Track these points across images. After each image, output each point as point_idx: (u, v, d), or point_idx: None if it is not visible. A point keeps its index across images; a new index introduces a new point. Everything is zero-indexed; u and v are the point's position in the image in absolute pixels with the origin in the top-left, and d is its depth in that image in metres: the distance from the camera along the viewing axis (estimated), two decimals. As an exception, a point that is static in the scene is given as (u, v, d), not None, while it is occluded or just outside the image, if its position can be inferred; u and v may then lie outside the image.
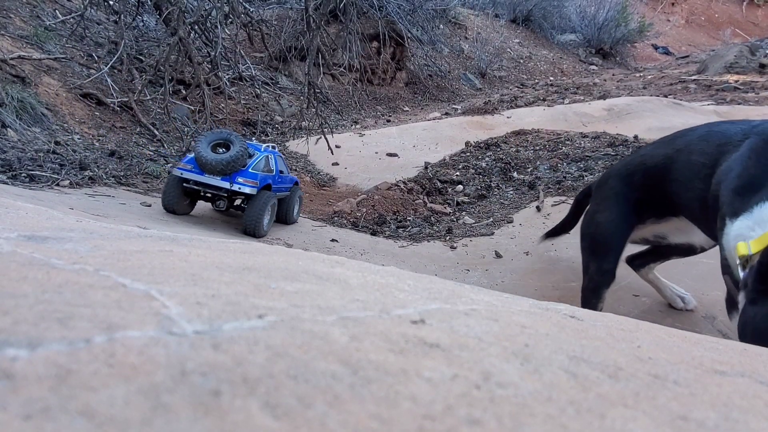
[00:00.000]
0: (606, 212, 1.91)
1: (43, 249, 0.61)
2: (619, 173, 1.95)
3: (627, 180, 1.88)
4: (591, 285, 1.92)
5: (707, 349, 0.62)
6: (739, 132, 1.50)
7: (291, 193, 3.29)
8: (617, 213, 1.88)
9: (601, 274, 1.88)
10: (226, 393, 0.32)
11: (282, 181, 3.16)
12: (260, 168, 2.96)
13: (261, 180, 2.89)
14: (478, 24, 10.78)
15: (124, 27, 4.39)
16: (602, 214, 1.92)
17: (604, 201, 1.94)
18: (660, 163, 1.76)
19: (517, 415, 0.36)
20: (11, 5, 5.12)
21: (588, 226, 1.99)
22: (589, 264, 1.96)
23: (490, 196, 4.21)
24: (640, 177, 1.83)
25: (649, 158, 1.84)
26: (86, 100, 4.65)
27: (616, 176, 1.95)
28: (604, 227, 1.91)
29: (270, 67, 7.03)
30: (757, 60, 8.49)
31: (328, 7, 6.05)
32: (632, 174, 1.87)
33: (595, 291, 1.91)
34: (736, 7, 17.03)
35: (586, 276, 1.96)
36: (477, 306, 0.63)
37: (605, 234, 1.90)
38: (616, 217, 1.88)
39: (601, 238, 1.91)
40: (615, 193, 1.90)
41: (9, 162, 3.28)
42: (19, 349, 0.33)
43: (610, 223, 1.88)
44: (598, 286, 1.90)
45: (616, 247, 1.87)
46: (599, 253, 1.92)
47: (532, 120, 6.07)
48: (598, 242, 1.93)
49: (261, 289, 0.55)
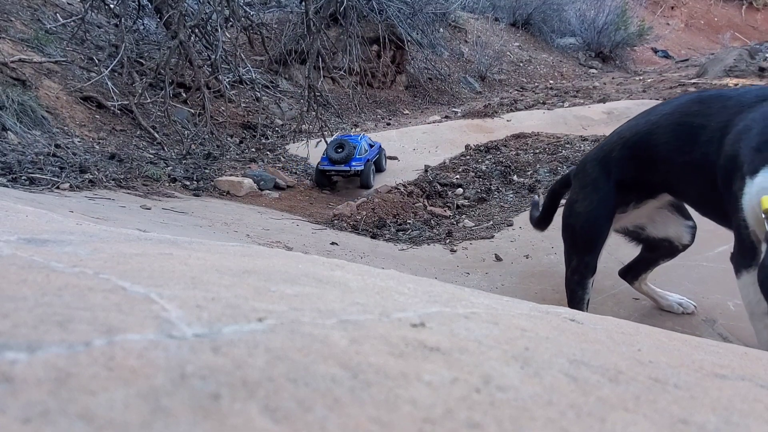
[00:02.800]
0: (585, 201, 1.84)
1: (43, 252, 0.61)
2: (595, 157, 1.87)
3: (604, 162, 1.81)
4: (575, 277, 1.88)
5: (708, 352, 0.62)
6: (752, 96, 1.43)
7: (379, 154, 4.89)
8: (597, 201, 1.80)
9: (584, 266, 1.84)
10: (226, 396, 0.32)
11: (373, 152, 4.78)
12: (362, 152, 4.52)
13: (363, 160, 4.47)
14: (478, 27, 10.81)
15: (124, 30, 4.40)
16: (581, 204, 1.85)
17: (582, 189, 1.87)
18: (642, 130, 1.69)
19: (518, 419, 0.35)
20: (12, 8, 5.13)
21: (568, 217, 1.91)
22: (571, 256, 1.91)
23: (490, 199, 4.21)
24: (618, 153, 1.76)
25: (626, 131, 1.77)
26: (87, 103, 4.66)
27: (593, 161, 1.87)
28: (584, 218, 1.84)
29: (270, 71, 7.04)
30: (756, 63, 8.50)
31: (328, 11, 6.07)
32: (609, 153, 1.80)
33: (580, 283, 1.86)
34: (735, 11, 17.07)
35: (569, 269, 1.91)
36: (477, 309, 0.63)
37: (586, 225, 1.84)
38: (597, 205, 1.81)
39: (582, 230, 1.85)
40: (593, 179, 1.83)
41: (9, 165, 3.29)
42: (19, 352, 0.33)
43: (590, 213, 1.82)
44: (582, 278, 1.85)
45: (598, 237, 1.81)
46: (581, 245, 1.87)
47: (531, 123, 6.08)
48: (579, 234, 1.87)
49: (261, 292, 0.55)
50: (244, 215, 3.61)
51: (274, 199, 4.29)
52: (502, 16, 11.72)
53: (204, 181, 4.29)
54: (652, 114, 1.71)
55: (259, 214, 3.73)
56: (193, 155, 4.75)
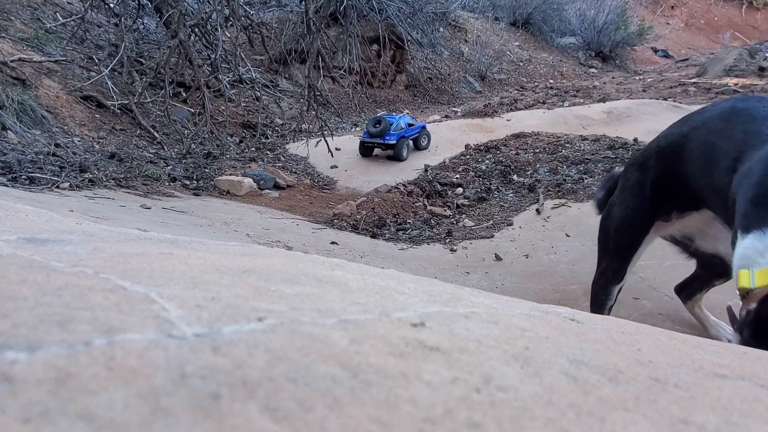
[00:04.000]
0: (622, 205, 1.76)
1: (43, 252, 0.61)
2: (636, 161, 1.79)
3: (642, 168, 1.71)
4: (601, 281, 1.83)
5: (708, 352, 0.62)
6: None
7: (419, 133, 5.34)
8: (633, 207, 1.72)
9: (612, 271, 1.78)
10: (226, 396, 0.32)
11: (412, 130, 5.27)
12: (397, 129, 5.08)
13: (397, 136, 5.06)
14: (478, 27, 10.80)
15: (124, 30, 4.40)
16: (618, 208, 1.78)
17: (621, 193, 1.79)
18: (674, 142, 1.59)
19: (518, 419, 0.35)
20: (12, 8, 5.13)
21: (605, 219, 1.85)
22: (601, 259, 1.86)
23: (490, 199, 4.21)
24: (654, 161, 1.66)
25: (663, 139, 1.67)
26: (86, 102, 4.65)
27: (634, 165, 1.78)
28: (618, 222, 1.76)
29: (270, 70, 7.04)
30: (756, 63, 8.50)
31: (328, 10, 6.06)
32: (647, 160, 1.70)
33: (604, 288, 1.81)
34: (735, 11, 17.06)
35: (598, 270, 1.86)
36: (477, 309, 0.63)
37: (619, 230, 1.76)
38: (632, 211, 1.72)
39: (615, 234, 1.78)
40: (632, 183, 1.74)
41: (9, 164, 3.28)
42: (19, 352, 0.33)
43: (624, 219, 1.74)
44: (607, 283, 1.80)
45: (629, 245, 1.74)
46: (612, 249, 1.80)
47: (531, 123, 6.07)
48: (612, 238, 1.79)
49: (261, 291, 0.55)
50: (244, 215, 3.61)
51: (274, 198, 4.29)
52: (502, 16, 11.71)
53: (204, 180, 4.29)
54: (685, 124, 1.60)
55: (259, 214, 3.73)
56: (193, 155, 4.75)
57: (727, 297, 2.11)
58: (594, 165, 4.41)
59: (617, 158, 4.50)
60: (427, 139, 5.46)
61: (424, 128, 5.44)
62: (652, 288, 2.35)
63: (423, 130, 5.42)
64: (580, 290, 2.47)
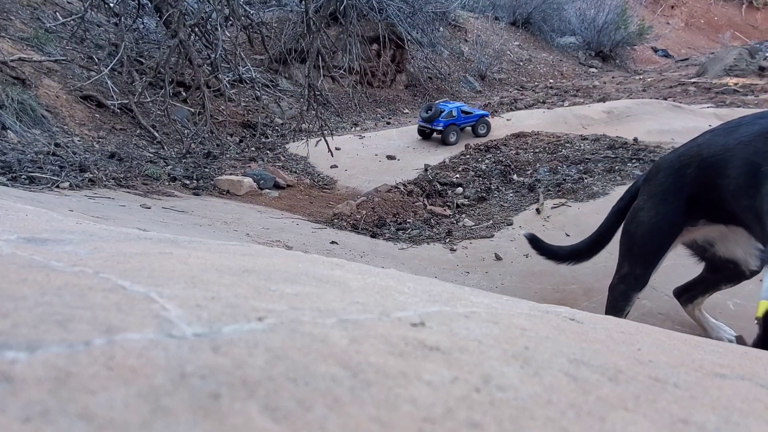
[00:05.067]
0: (651, 211, 1.70)
1: (43, 251, 0.61)
2: (671, 165, 1.71)
3: (679, 174, 1.65)
4: (621, 287, 1.77)
5: (708, 352, 0.62)
6: None
7: (477, 121, 5.69)
8: (664, 214, 1.66)
9: (634, 277, 1.73)
10: (226, 396, 0.32)
11: (466, 118, 5.65)
12: (447, 116, 5.50)
13: (445, 123, 5.49)
14: (478, 27, 10.80)
15: (124, 29, 4.40)
16: (646, 213, 1.72)
17: (651, 198, 1.72)
18: (718, 154, 1.52)
19: (518, 419, 0.35)
20: (12, 7, 5.13)
21: (630, 223, 1.79)
22: (623, 263, 1.80)
23: (490, 199, 4.21)
24: (694, 170, 1.60)
25: (706, 147, 1.60)
26: (86, 102, 4.65)
27: (668, 169, 1.71)
28: (645, 227, 1.71)
29: (270, 70, 7.03)
30: (756, 63, 8.50)
31: (328, 10, 6.06)
32: (686, 166, 1.63)
33: (624, 294, 1.76)
34: (735, 10, 17.06)
35: (618, 275, 1.80)
36: (477, 309, 0.63)
37: (646, 236, 1.71)
38: (662, 218, 1.67)
39: (641, 240, 1.73)
40: (664, 189, 1.68)
41: (9, 164, 3.28)
42: (19, 351, 0.33)
43: (653, 225, 1.69)
44: (628, 289, 1.75)
45: (655, 252, 1.69)
46: (636, 255, 1.75)
47: (531, 122, 6.08)
48: (637, 243, 1.74)
49: (260, 291, 0.55)
50: (244, 214, 3.61)
51: (273, 198, 4.29)
52: (502, 15, 11.71)
53: (204, 180, 4.29)
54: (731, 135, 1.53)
55: (259, 213, 3.73)
56: (193, 154, 4.75)
57: (726, 296, 2.11)
58: (594, 165, 4.41)
59: (617, 158, 4.50)
60: (486, 127, 5.75)
61: (483, 117, 5.79)
62: (652, 288, 2.35)
63: (482, 119, 5.76)
64: (580, 290, 2.47)
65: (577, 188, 3.92)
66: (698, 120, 5.84)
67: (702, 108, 6.57)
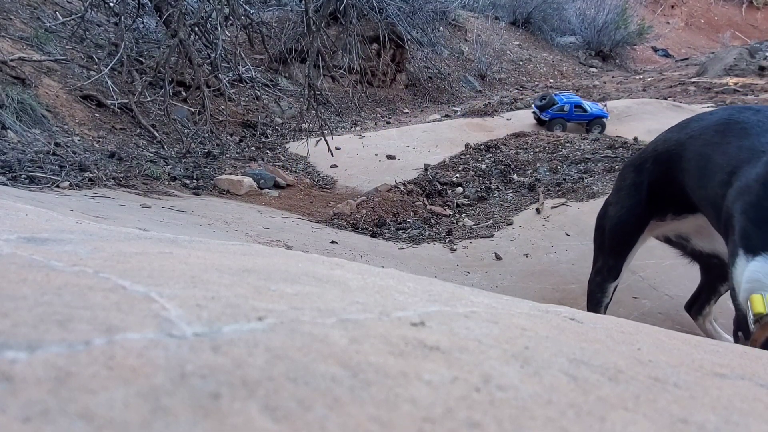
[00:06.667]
0: (618, 205, 1.80)
1: (43, 251, 0.61)
2: (633, 162, 1.83)
3: (639, 169, 1.75)
4: (597, 279, 1.86)
5: (707, 351, 0.62)
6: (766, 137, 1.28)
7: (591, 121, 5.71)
8: (629, 207, 1.76)
9: (607, 269, 1.82)
10: (226, 396, 0.32)
11: (579, 115, 5.73)
12: (558, 109, 5.71)
13: (552, 115, 5.71)
14: (478, 26, 10.79)
15: (124, 29, 4.40)
16: (614, 207, 1.82)
17: (617, 192, 1.84)
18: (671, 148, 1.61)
19: (517, 418, 0.35)
20: (11, 7, 5.12)
21: (601, 218, 1.89)
22: (597, 257, 1.90)
23: (490, 198, 4.21)
24: (650, 164, 1.70)
25: (660, 143, 1.70)
26: (86, 101, 4.65)
27: (630, 165, 1.83)
28: (613, 221, 1.81)
29: (270, 69, 7.03)
30: (756, 62, 8.50)
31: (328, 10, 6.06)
32: (644, 162, 1.74)
33: (600, 285, 1.85)
34: (735, 10, 17.05)
35: (593, 268, 1.90)
36: (477, 308, 0.63)
37: (614, 229, 1.81)
38: (627, 211, 1.76)
39: (610, 233, 1.82)
40: (628, 184, 1.78)
41: (9, 163, 3.28)
42: (19, 351, 0.33)
43: (620, 218, 1.78)
44: (603, 281, 1.83)
45: (624, 243, 1.78)
46: (607, 247, 1.84)
47: (531, 122, 6.08)
48: (607, 236, 1.83)
49: (261, 291, 0.55)
50: (244, 214, 3.61)
51: (273, 197, 4.29)
52: (502, 15, 11.70)
53: (204, 179, 4.29)
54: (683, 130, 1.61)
55: (259, 213, 3.73)
56: (192, 154, 4.75)
57: (726, 296, 2.11)
58: (594, 164, 4.41)
59: (617, 157, 4.50)
60: (600, 128, 5.74)
61: (599, 118, 5.78)
62: (652, 287, 2.35)
63: (597, 119, 5.78)
64: (580, 289, 2.47)
65: (577, 188, 3.92)
66: (698, 120, 5.83)
67: (702, 108, 6.57)
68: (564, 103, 5.68)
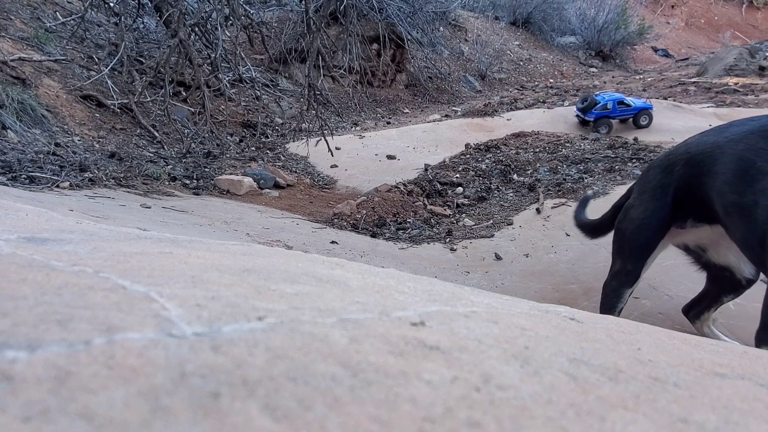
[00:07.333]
0: (641, 208, 1.76)
1: (43, 251, 0.61)
2: (660, 164, 1.77)
3: (667, 172, 1.70)
4: (613, 283, 1.82)
5: (707, 351, 0.62)
6: None
7: (637, 113, 5.69)
8: (652, 210, 1.71)
9: (625, 273, 1.78)
10: (226, 395, 0.32)
11: (623, 111, 5.69)
12: (601, 108, 5.64)
13: (596, 115, 5.65)
14: (478, 26, 10.79)
15: (124, 29, 4.39)
16: (636, 210, 1.77)
17: (641, 195, 1.79)
18: (707, 151, 1.55)
19: (517, 418, 0.35)
20: (12, 7, 5.13)
21: (621, 221, 1.85)
22: (616, 260, 1.85)
23: (490, 198, 4.21)
24: (681, 167, 1.65)
25: (694, 146, 1.64)
26: (86, 101, 4.65)
27: (657, 168, 1.77)
28: (635, 224, 1.76)
29: (270, 69, 7.04)
30: (756, 62, 8.50)
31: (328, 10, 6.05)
32: (674, 164, 1.68)
33: (616, 291, 1.81)
34: (735, 10, 17.05)
35: (611, 272, 1.86)
36: (477, 308, 0.63)
37: (635, 232, 1.76)
38: (650, 215, 1.72)
39: (631, 236, 1.78)
40: (653, 186, 1.73)
41: (9, 163, 3.28)
42: (19, 351, 0.33)
43: (642, 221, 1.74)
44: (620, 286, 1.80)
45: (645, 247, 1.74)
46: (628, 251, 1.80)
47: (531, 122, 6.08)
48: (628, 240, 1.79)
49: (261, 291, 0.55)
50: (244, 214, 3.61)
51: (274, 197, 4.29)
52: (502, 15, 11.70)
53: (204, 179, 4.29)
54: (722, 134, 1.57)
55: (259, 213, 3.73)
56: (193, 154, 4.75)
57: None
58: (594, 164, 4.41)
59: (617, 157, 4.50)
60: (648, 119, 5.74)
61: (644, 109, 5.77)
62: (652, 287, 2.35)
63: (643, 111, 5.76)
64: (580, 289, 2.47)
65: (577, 188, 3.92)
66: (698, 120, 5.84)
67: (702, 108, 6.57)
68: (606, 101, 5.64)
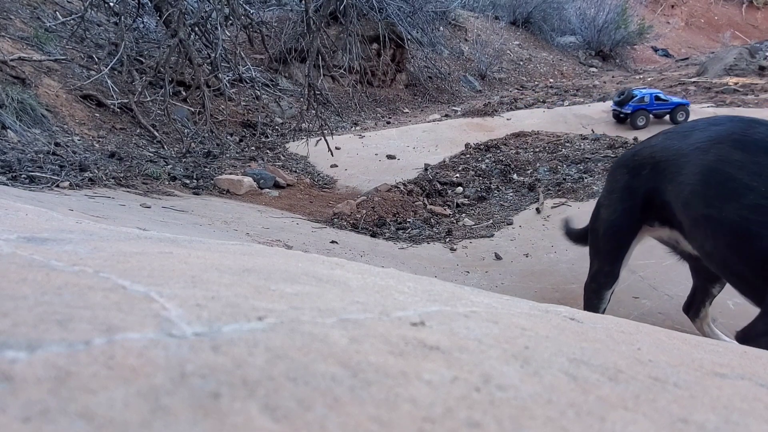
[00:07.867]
0: (610, 209, 1.75)
1: (43, 251, 0.61)
2: (626, 164, 1.75)
3: (635, 173, 1.68)
4: (593, 285, 1.82)
5: (707, 351, 0.62)
6: None
7: (673, 109, 5.76)
8: (621, 212, 1.70)
9: (603, 275, 1.77)
10: (226, 395, 0.32)
11: (659, 105, 5.76)
12: (638, 101, 5.70)
13: (633, 108, 5.70)
14: (478, 26, 10.79)
15: (124, 28, 4.39)
16: (606, 210, 1.77)
17: (610, 194, 1.78)
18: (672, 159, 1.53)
19: (517, 418, 0.35)
20: (11, 7, 5.12)
21: (594, 221, 1.84)
22: (593, 262, 1.85)
23: (490, 198, 4.21)
24: (649, 172, 1.63)
25: (659, 151, 1.61)
26: (86, 101, 4.65)
27: (623, 167, 1.76)
28: (607, 224, 1.75)
29: (270, 69, 7.03)
30: (756, 62, 8.50)
31: (328, 9, 6.05)
32: (641, 167, 1.67)
33: (596, 292, 1.81)
34: (735, 10, 17.04)
35: (590, 274, 1.86)
36: (477, 308, 0.63)
37: (607, 233, 1.76)
38: (620, 216, 1.71)
39: (604, 237, 1.77)
40: (621, 187, 1.72)
41: (9, 163, 3.28)
42: (19, 351, 0.33)
43: (612, 223, 1.73)
44: (599, 287, 1.79)
45: (618, 248, 1.73)
46: (602, 252, 1.80)
47: (531, 122, 6.08)
48: (601, 240, 1.79)
49: (261, 291, 0.55)
50: (244, 214, 3.61)
51: (273, 197, 4.29)
52: (502, 15, 11.70)
53: (204, 179, 4.29)
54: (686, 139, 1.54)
55: (259, 213, 3.73)
56: (193, 154, 4.75)
57: (726, 296, 2.11)
58: (594, 164, 4.41)
59: (617, 157, 4.50)
60: (684, 115, 5.76)
61: (681, 105, 5.86)
62: (652, 287, 2.35)
63: (680, 107, 5.83)
64: (580, 289, 2.47)
65: (577, 188, 3.92)
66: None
67: (702, 107, 6.57)
68: (643, 95, 5.71)
